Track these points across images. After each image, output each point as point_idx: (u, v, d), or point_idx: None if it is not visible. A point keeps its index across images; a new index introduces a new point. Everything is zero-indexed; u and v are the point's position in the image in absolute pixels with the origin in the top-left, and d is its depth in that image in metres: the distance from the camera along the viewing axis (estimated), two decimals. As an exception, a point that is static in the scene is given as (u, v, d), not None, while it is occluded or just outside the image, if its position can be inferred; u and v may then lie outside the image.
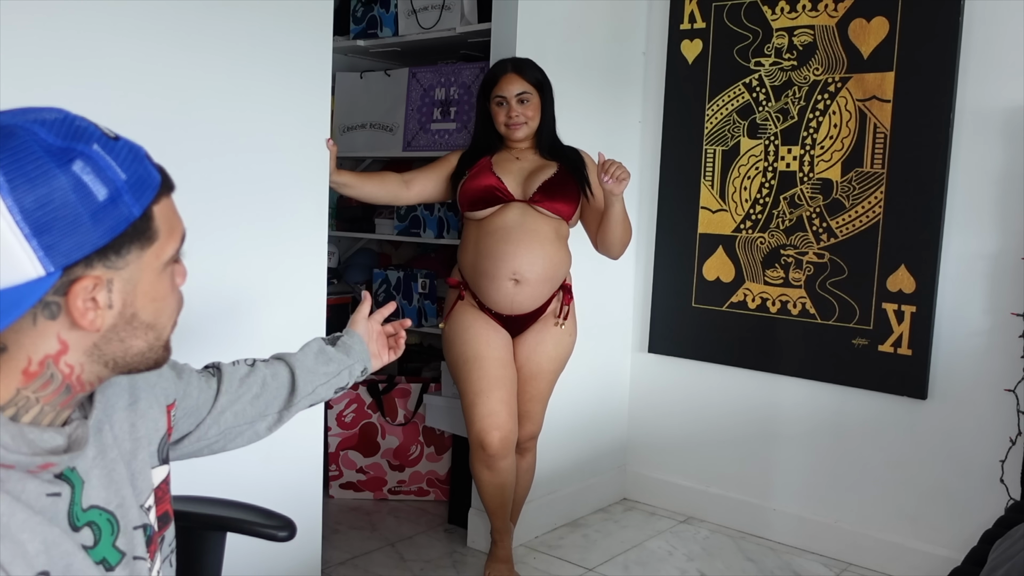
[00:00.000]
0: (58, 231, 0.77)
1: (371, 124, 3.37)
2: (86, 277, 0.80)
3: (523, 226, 2.41)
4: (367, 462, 3.26)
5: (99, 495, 0.92)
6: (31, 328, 0.82)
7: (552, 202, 2.42)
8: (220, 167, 1.94)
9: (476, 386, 2.43)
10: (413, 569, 2.71)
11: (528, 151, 2.53)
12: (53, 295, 0.80)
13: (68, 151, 0.78)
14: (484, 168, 2.47)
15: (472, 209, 2.45)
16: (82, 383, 0.87)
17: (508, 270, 2.40)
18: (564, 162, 2.49)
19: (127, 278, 0.84)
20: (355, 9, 3.32)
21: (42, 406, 0.85)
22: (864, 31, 2.77)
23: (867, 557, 2.85)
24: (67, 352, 0.84)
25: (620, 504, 3.36)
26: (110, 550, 0.91)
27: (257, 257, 2.04)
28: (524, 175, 2.47)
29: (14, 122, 0.79)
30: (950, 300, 2.69)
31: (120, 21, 1.73)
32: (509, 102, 2.46)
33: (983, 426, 2.64)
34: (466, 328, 2.48)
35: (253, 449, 2.08)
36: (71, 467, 0.89)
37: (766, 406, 3.06)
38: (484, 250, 2.43)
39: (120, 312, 0.85)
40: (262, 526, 1.33)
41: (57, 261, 0.77)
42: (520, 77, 2.46)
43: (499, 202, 2.43)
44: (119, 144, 0.83)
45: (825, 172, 2.86)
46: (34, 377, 0.83)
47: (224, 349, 1.99)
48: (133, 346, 0.88)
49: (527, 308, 2.47)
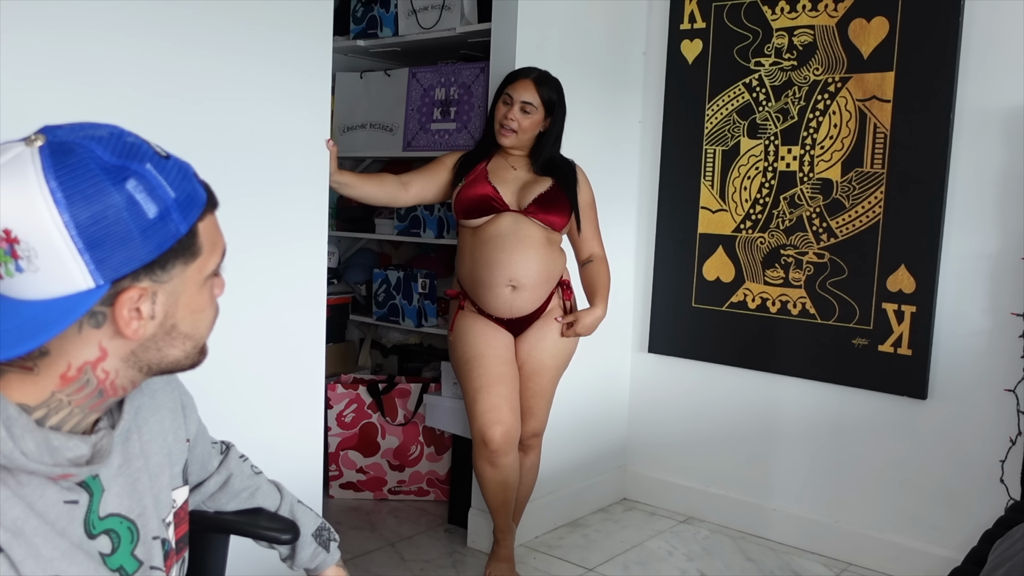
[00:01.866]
0: (110, 246, 0.79)
1: (371, 124, 3.37)
2: (132, 288, 0.83)
3: (517, 233, 2.46)
4: (367, 462, 3.26)
5: (121, 503, 0.93)
6: (76, 336, 0.84)
7: (547, 215, 2.48)
8: (220, 167, 1.94)
9: (477, 383, 2.47)
10: (413, 569, 2.71)
11: (523, 160, 2.56)
12: (100, 305, 0.82)
13: (123, 169, 0.81)
14: (480, 176, 2.50)
15: (467, 217, 2.49)
16: (115, 388, 0.89)
17: (505, 277, 2.45)
18: (558, 177, 2.53)
19: (170, 291, 0.86)
20: (355, 9, 3.32)
21: (72, 408, 0.87)
22: (864, 31, 2.77)
23: (867, 557, 2.85)
24: (106, 359, 0.86)
25: (620, 504, 3.36)
26: (128, 558, 0.93)
27: (257, 257, 2.04)
28: (519, 185, 2.51)
29: (71, 139, 0.81)
30: (950, 300, 2.69)
31: (120, 20, 1.73)
32: (513, 104, 2.48)
33: (983, 426, 2.64)
34: (467, 331, 2.53)
35: (253, 449, 2.08)
36: (93, 475, 0.90)
37: (766, 406, 3.06)
38: (480, 259, 2.48)
39: (161, 323, 0.87)
40: (266, 529, 1.33)
41: (107, 275, 0.80)
42: (535, 88, 2.48)
43: (494, 211, 2.47)
44: (170, 163, 0.86)
45: (825, 172, 2.86)
46: (71, 382, 0.85)
47: (224, 349, 1.99)
48: (169, 355, 0.90)
49: (526, 311, 2.52)
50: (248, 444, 2.07)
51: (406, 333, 3.70)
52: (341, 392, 3.24)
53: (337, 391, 3.24)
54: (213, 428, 1.97)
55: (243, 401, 2.04)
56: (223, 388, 2.00)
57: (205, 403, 1.94)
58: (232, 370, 2.01)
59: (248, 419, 2.06)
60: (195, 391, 1.84)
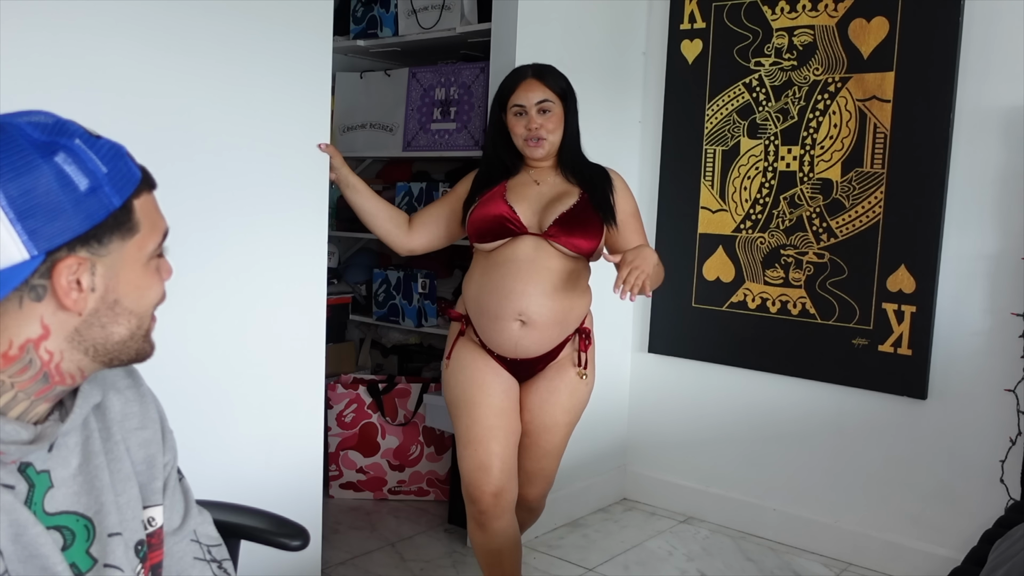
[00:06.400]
0: (41, 217, 0.82)
1: (371, 124, 3.38)
2: (70, 257, 0.85)
3: (535, 262, 2.11)
4: (367, 462, 3.26)
5: (78, 501, 0.93)
6: (16, 311, 0.85)
7: (570, 237, 2.11)
8: (220, 166, 1.94)
9: (466, 435, 2.15)
10: (413, 569, 2.71)
11: (548, 172, 2.23)
12: (39, 279, 0.84)
13: (51, 144, 0.84)
14: (497, 195, 2.17)
15: (481, 241, 2.16)
16: (61, 373, 0.89)
17: (514, 310, 2.10)
18: (588, 187, 2.18)
19: (109, 265, 0.88)
20: (355, 9, 3.32)
21: (16, 392, 0.87)
22: (864, 31, 2.77)
23: (867, 557, 2.85)
24: (48, 338, 0.87)
25: (620, 504, 3.36)
26: (82, 556, 0.92)
27: (257, 257, 2.04)
28: (542, 203, 2.15)
29: (4, 120, 0.84)
30: (950, 300, 2.69)
31: (119, 20, 1.73)
32: (529, 112, 2.15)
33: (983, 426, 2.64)
34: (463, 368, 2.19)
35: (253, 449, 2.09)
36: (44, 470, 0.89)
37: (766, 406, 3.06)
38: (489, 285, 2.14)
39: (102, 297, 0.88)
40: (273, 534, 1.32)
41: (40, 245, 0.82)
42: (542, 84, 2.17)
43: (510, 234, 2.13)
44: (101, 141, 0.88)
45: (825, 172, 2.86)
46: (12, 361, 0.86)
47: (224, 348, 1.99)
48: (115, 333, 0.90)
49: (533, 352, 2.16)
50: (248, 444, 2.07)
51: (406, 333, 3.70)
52: (341, 392, 3.24)
53: (337, 391, 3.24)
54: (213, 428, 1.98)
55: (243, 401, 2.05)
56: (223, 388, 2.00)
57: (206, 403, 1.95)
58: (232, 370, 2.01)
59: (248, 419, 2.06)
60: (195, 391, 1.84)
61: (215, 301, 1.95)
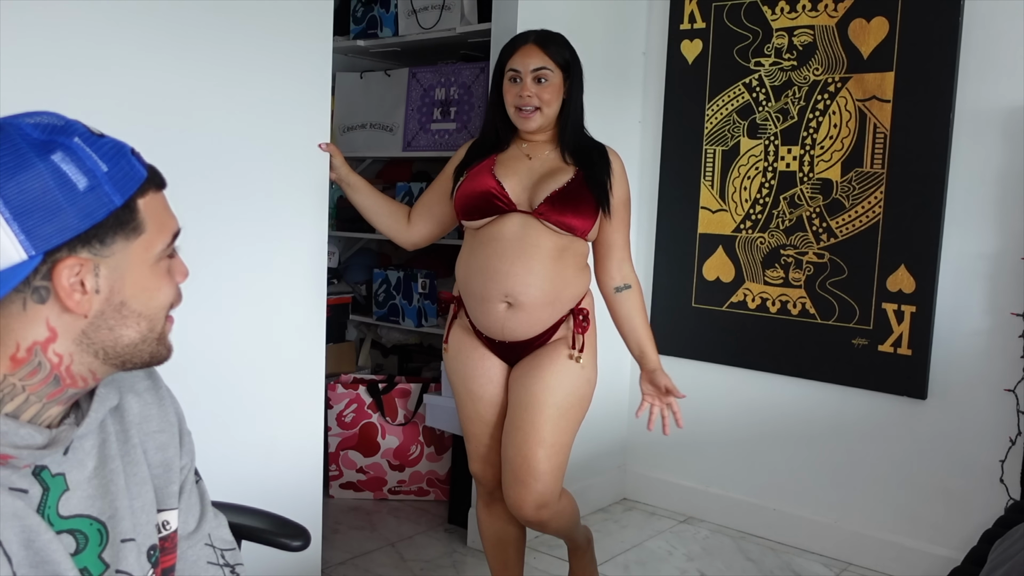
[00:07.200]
0: (38, 216, 0.80)
1: (371, 124, 3.38)
2: (70, 257, 0.83)
3: (523, 240, 1.99)
4: (367, 462, 3.26)
5: (92, 505, 0.91)
6: (21, 313, 0.84)
7: (561, 215, 1.98)
8: (220, 167, 1.94)
9: (468, 427, 2.18)
10: (413, 569, 2.71)
11: (544, 146, 2.08)
12: (41, 280, 0.83)
13: (49, 143, 0.83)
14: (485, 169, 2.05)
15: (467, 217, 2.05)
16: (72, 376, 0.87)
17: (500, 291, 2.00)
18: (585, 166, 2.04)
19: (114, 266, 0.86)
20: (355, 9, 3.33)
21: (27, 395, 0.86)
22: (864, 31, 2.77)
23: (867, 557, 2.85)
24: (56, 340, 0.85)
25: (620, 504, 3.36)
26: (94, 560, 0.91)
27: (257, 257, 2.04)
28: (533, 179, 2.03)
29: (6, 120, 0.83)
30: (950, 300, 2.69)
31: (119, 20, 1.73)
32: (524, 79, 2.01)
33: (983, 426, 2.64)
34: (457, 354, 2.15)
35: (254, 449, 2.09)
36: (59, 472, 0.88)
37: (766, 406, 3.06)
38: (475, 265, 2.05)
39: (107, 298, 0.86)
40: (274, 534, 1.31)
41: (39, 245, 0.81)
42: (542, 51, 2.02)
43: (497, 211, 2.01)
44: (102, 140, 0.86)
45: (825, 172, 2.86)
46: (21, 364, 0.85)
47: (224, 348, 1.99)
48: (124, 335, 0.89)
49: (521, 335, 2.05)
50: (248, 444, 2.07)
51: (406, 333, 3.70)
52: (341, 392, 3.24)
53: (337, 391, 3.24)
54: (213, 428, 1.98)
55: (243, 401, 2.05)
56: (224, 388, 2.00)
57: (206, 403, 1.95)
58: (232, 370, 2.01)
59: (248, 419, 2.06)
60: (196, 390, 1.84)
61: (215, 301, 1.95)
